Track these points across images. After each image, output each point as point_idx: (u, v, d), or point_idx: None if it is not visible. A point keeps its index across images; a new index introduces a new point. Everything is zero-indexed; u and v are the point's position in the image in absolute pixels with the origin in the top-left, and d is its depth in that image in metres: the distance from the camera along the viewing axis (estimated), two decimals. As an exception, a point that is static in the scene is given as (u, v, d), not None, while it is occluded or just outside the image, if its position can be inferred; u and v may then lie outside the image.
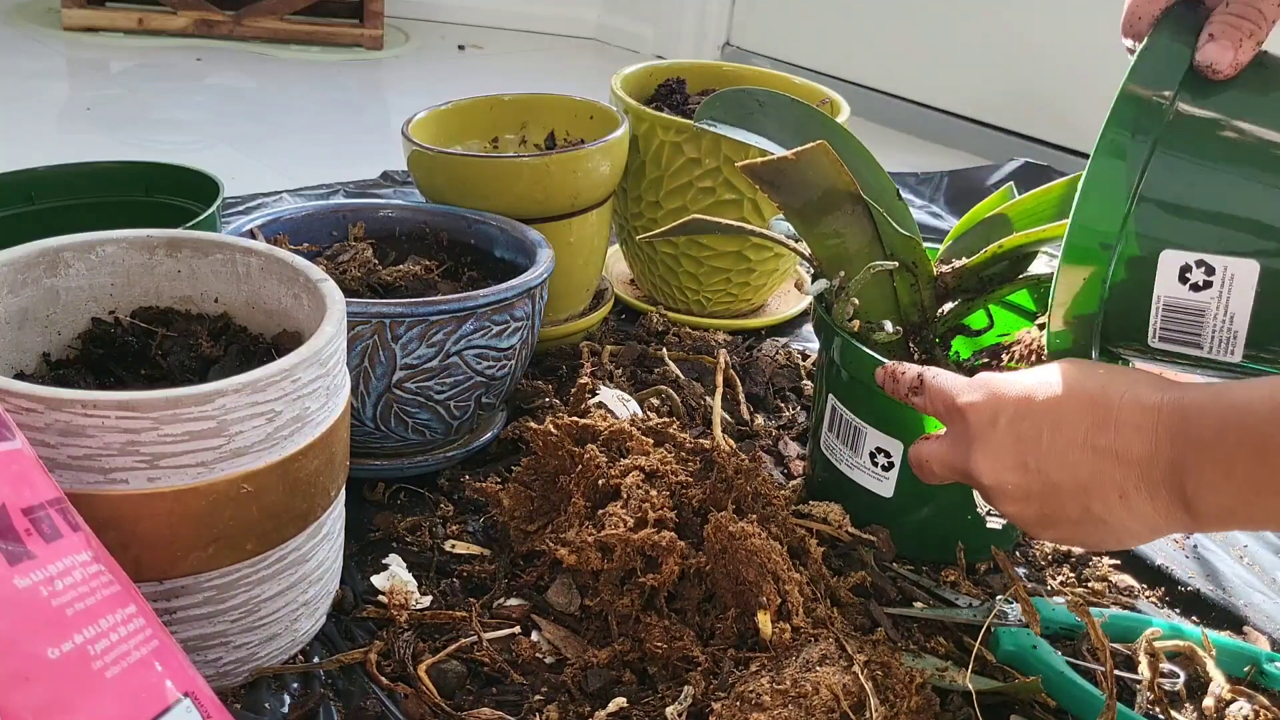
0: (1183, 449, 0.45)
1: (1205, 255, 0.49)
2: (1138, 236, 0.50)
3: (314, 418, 0.53)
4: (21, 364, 0.59)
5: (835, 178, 0.65)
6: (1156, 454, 0.45)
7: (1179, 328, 0.51)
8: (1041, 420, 0.49)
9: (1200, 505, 0.44)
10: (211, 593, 0.52)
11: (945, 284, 0.71)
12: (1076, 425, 0.48)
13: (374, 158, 1.41)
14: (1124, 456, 0.46)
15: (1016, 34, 1.77)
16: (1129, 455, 0.46)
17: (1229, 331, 0.49)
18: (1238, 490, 0.43)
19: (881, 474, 0.70)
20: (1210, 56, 0.48)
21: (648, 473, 0.66)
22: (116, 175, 0.87)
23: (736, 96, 0.77)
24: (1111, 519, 0.48)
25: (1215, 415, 0.44)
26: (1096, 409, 0.47)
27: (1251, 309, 0.49)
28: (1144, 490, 0.46)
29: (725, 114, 0.77)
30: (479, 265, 0.84)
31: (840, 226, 0.68)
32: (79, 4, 1.90)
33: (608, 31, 2.40)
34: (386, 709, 0.56)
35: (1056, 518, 0.50)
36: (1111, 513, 0.47)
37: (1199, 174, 0.49)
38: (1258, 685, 0.64)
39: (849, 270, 0.68)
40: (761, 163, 0.65)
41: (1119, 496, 0.47)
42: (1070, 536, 0.51)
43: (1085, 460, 0.47)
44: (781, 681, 0.54)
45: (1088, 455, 0.47)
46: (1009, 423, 0.50)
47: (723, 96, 0.77)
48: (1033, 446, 0.49)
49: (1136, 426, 0.46)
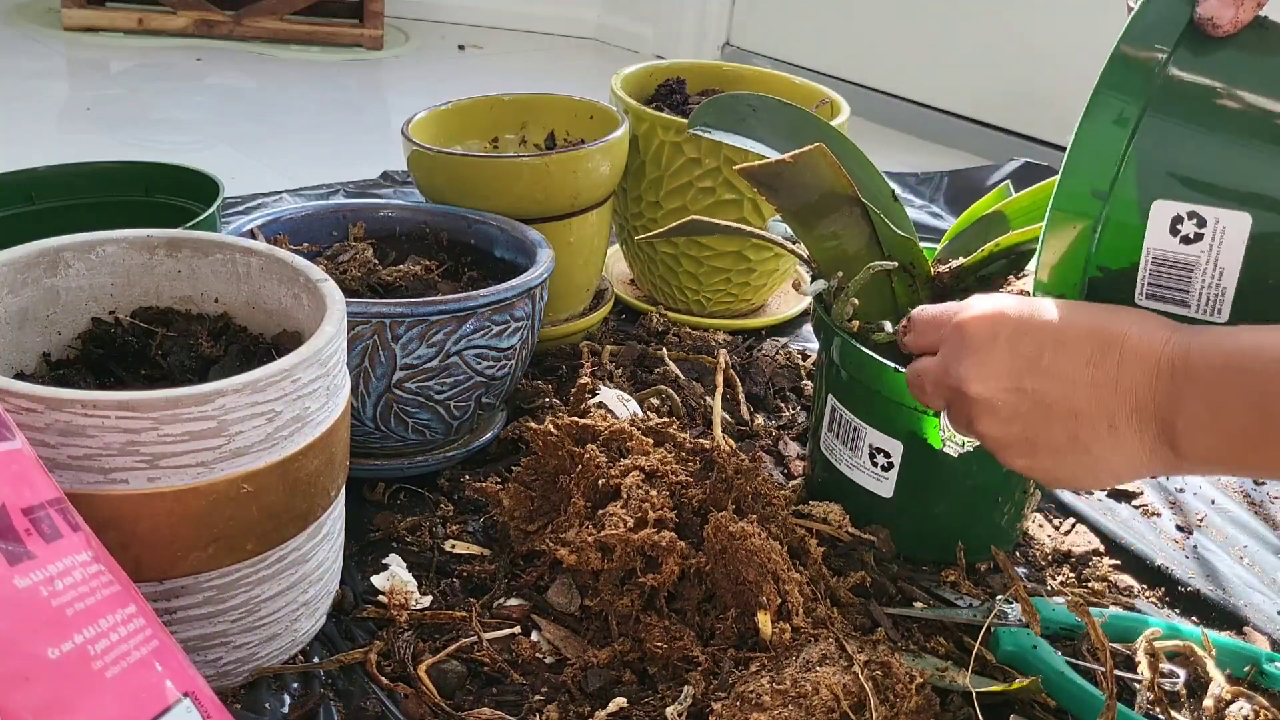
0: (1181, 385, 0.44)
1: (1197, 206, 0.48)
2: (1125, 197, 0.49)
3: (314, 418, 0.53)
4: (21, 364, 0.59)
5: (832, 180, 0.65)
6: (1155, 387, 0.45)
7: (1167, 283, 0.50)
8: (1044, 340, 0.48)
9: (1186, 445, 0.44)
10: (211, 593, 0.52)
11: (943, 283, 0.71)
12: (1080, 349, 0.47)
13: (374, 158, 1.41)
14: (1121, 386, 0.46)
15: (1016, 34, 1.77)
16: (1127, 385, 0.46)
17: (1217, 288, 0.49)
18: (1226, 434, 0.43)
19: (881, 474, 0.70)
20: (1211, 10, 0.48)
21: (648, 473, 0.66)
22: (116, 175, 0.87)
23: (729, 102, 0.77)
24: (1095, 449, 0.47)
25: (1218, 355, 0.43)
26: (1102, 335, 0.47)
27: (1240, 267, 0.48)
28: (1134, 422, 0.46)
29: (718, 119, 0.77)
30: (479, 265, 0.84)
31: (838, 228, 0.68)
32: (79, 4, 1.90)
33: (608, 31, 2.40)
34: (386, 709, 0.56)
35: (1038, 442, 0.49)
36: (1098, 442, 0.47)
37: (1191, 137, 0.48)
38: (1257, 685, 0.64)
39: (847, 271, 0.68)
40: (759, 166, 0.65)
41: (1109, 426, 0.46)
42: (1045, 466, 0.50)
43: (1082, 385, 0.47)
44: (781, 681, 0.54)
45: (1086, 380, 0.47)
46: (1009, 338, 0.49)
47: (715, 102, 0.77)
48: (1031, 365, 0.48)
49: (1141, 357, 0.45)
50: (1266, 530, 0.84)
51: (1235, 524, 0.84)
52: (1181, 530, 0.82)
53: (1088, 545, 0.77)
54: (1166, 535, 0.81)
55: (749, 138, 0.76)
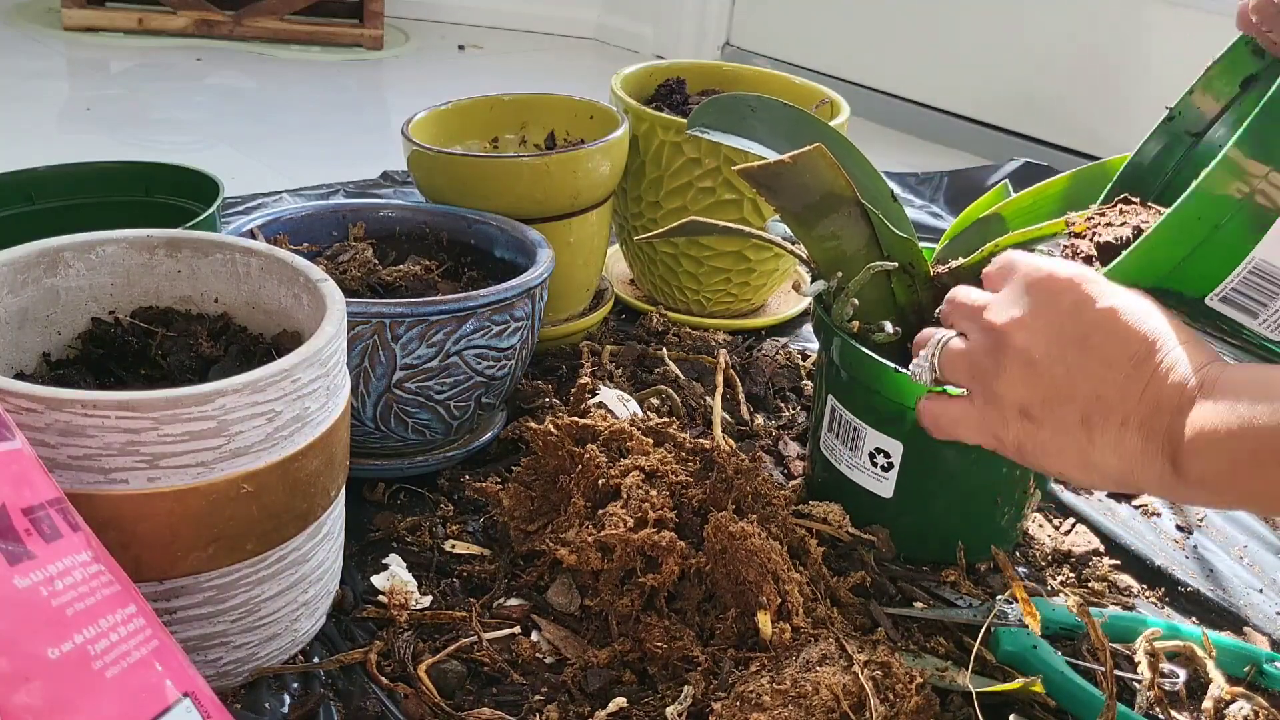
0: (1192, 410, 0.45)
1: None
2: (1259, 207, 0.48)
3: (314, 418, 0.53)
4: (21, 364, 0.59)
5: (832, 181, 0.65)
6: (1179, 404, 0.45)
7: (1250, 291, 0.50)
8: (1102, 321, 0.48)
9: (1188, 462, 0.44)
10: (211, 593, 0.52)
11: (942, 283, 0.71)
12: (1129, 342, 0.47)
13: (374, 158, 1.41)
14: (1149, 392, 0.46)
15: (1016, 34, 1.77)
16: (1154, 393, 0.46)
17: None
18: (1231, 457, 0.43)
19: (881, 474, 0.70)
20: None
21: (648, 473, 0.66)
22: (116, 175, 0.87)
23: (728, 102, 0.77)
24: (1099, 440, 0.48)
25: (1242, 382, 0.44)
26: (1153, 340, 0.47)
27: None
28: (1145, 430, 0.46)
29: (718, 120, 0.77)
30: (479, 265, 0.84)
31: (837, 229, 0.68)
32: (79, 4, 1.90)
33: (608, 31, 2.40)
34: (386, 709, 0.56)
35: (1048, 415, 0.49)
36: (1105, 434, 0.47)
37: None
38: (1257, 686, 0.64)
39: (846, 271, 0.68)
40: (758, 166, 0.65)
41: (1121, 422, 0.47)
42: (1040, 440, 0.50)
43: (1117, 376, 0.47)
44: (781, 681, 0.54)
45: (1122, 372, 0.47)
46: (1072, 306, 0.49)
47: (715, 103, 0.77)
48: (1080, 341, 0.49)
49: (1178, 375, 0.46)
50: (1266, 530, 0.84)
51: (1235, 524, 0.84)
52: (1181, 530, 0.82)
53: (1088, 545, 0.77)
54: (1166, 535, 0.81)
55: (748, 138, 0.76)
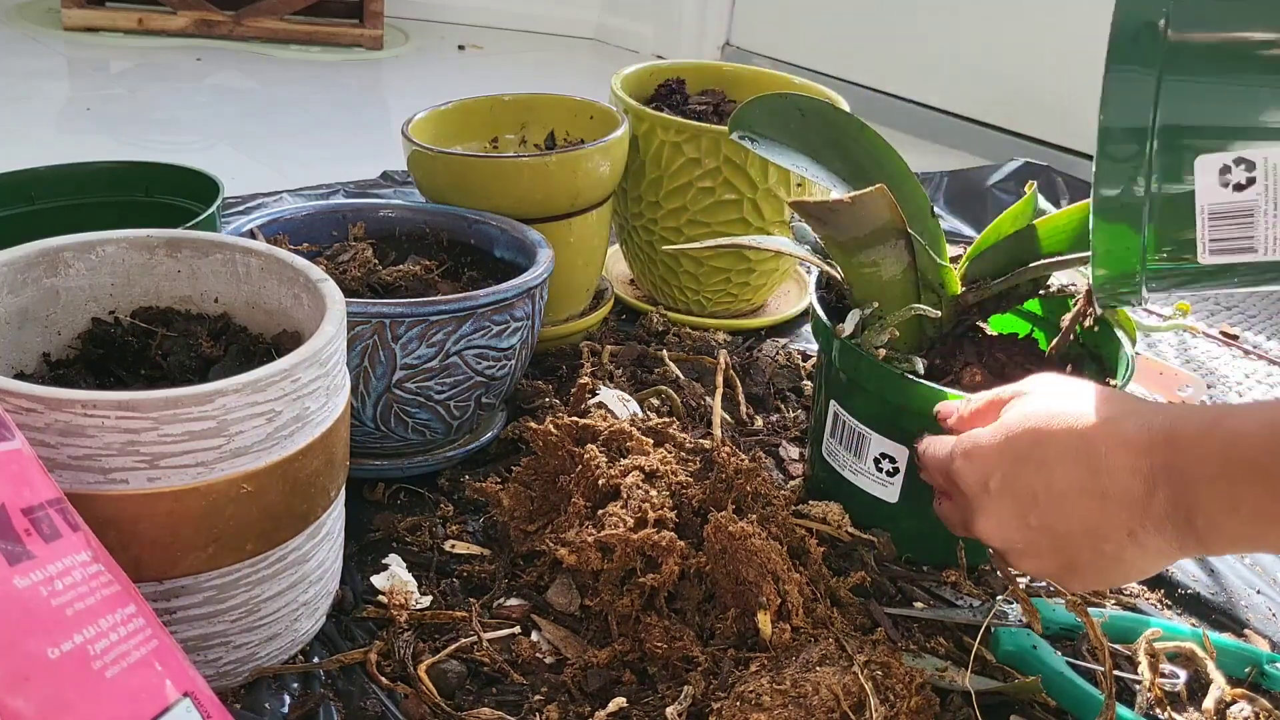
0: (1181, 488, 0.45)
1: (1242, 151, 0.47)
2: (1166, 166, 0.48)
3: (314, 418, 0.53)
4: (21, 364, 0.59)
5: (888, 219, 0.64)
6: (1155, 492, 0.46)
7: (1229, 234, 0.49)
8: (1033, 478, 0.49)
9: (1212, 536, 0.45)
10: (211, 593, 0.52)
11: (965, 301, 0.71)
12: (1068, 476, 0.48)
13: (374, 158, 1.41)
14: (1123, 499, 0.46)
15: (1016, 34, 1.77)
16: (1127, 497, 0.46)
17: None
18: (1247, 521, 0.43)
19: (886, 479, 0.70)
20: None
21: (648, 473, 0.66)
22: (116, 175, 0.87)
23: (776, 104, 0.73)
24: (1126, 556, 0.48)
25: (1213, 448, 0.44)
26: (1084, 456, 0.47)
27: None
28: (1149, 527, 0.46)
29: (764, 124, 0.73)
30: (479, 265, 0.84)
31: (879, 257, 0.67)
32: (79, 4, 1.90)
33: (608, 31, 2.40)
34: (386, 709, 0.56)
35: (1075, 565, 0.50)
36: (1125, 550, 0.48)
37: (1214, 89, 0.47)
38: (1258, 687, 0.64)
39: (881, 297, 0.68)
40: (815, 203, 0.63)
41: (1128, 535, 0.47)
42: (1096, 580, 0.51)
43: (1086, 508, 0.47)
44: (781, 681, 0.54)
45: (1086, 503, 0.47)
46: (1001, 485, 0.50)
47: (763, 104, 0.73)
48: (1030, 504, 0.49)
49: (1130, 469, 0.46)
50: (1266, 530, 0.84)
51: (1235, 524, 0.84)
52: (1181, 530, 0.82)
53: (1088, 545, 0.77)
54: (1166, 535, 0.81)
55: (798, 152, 0.73)
